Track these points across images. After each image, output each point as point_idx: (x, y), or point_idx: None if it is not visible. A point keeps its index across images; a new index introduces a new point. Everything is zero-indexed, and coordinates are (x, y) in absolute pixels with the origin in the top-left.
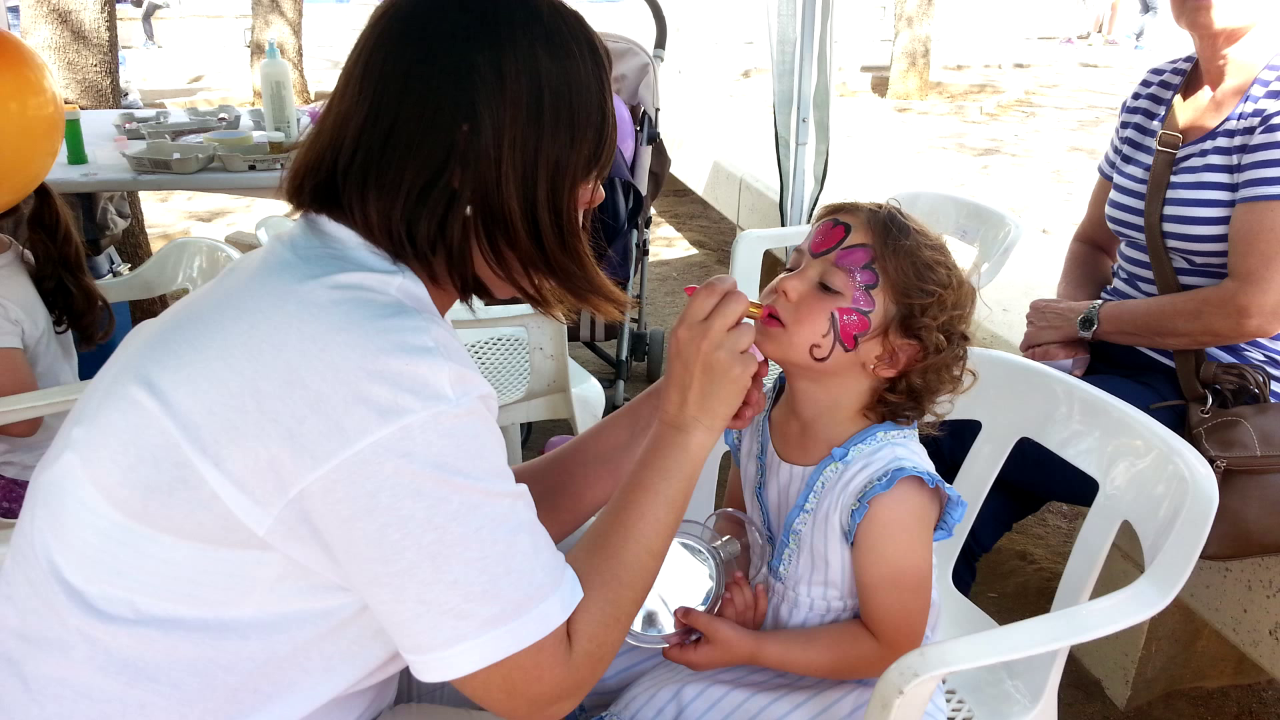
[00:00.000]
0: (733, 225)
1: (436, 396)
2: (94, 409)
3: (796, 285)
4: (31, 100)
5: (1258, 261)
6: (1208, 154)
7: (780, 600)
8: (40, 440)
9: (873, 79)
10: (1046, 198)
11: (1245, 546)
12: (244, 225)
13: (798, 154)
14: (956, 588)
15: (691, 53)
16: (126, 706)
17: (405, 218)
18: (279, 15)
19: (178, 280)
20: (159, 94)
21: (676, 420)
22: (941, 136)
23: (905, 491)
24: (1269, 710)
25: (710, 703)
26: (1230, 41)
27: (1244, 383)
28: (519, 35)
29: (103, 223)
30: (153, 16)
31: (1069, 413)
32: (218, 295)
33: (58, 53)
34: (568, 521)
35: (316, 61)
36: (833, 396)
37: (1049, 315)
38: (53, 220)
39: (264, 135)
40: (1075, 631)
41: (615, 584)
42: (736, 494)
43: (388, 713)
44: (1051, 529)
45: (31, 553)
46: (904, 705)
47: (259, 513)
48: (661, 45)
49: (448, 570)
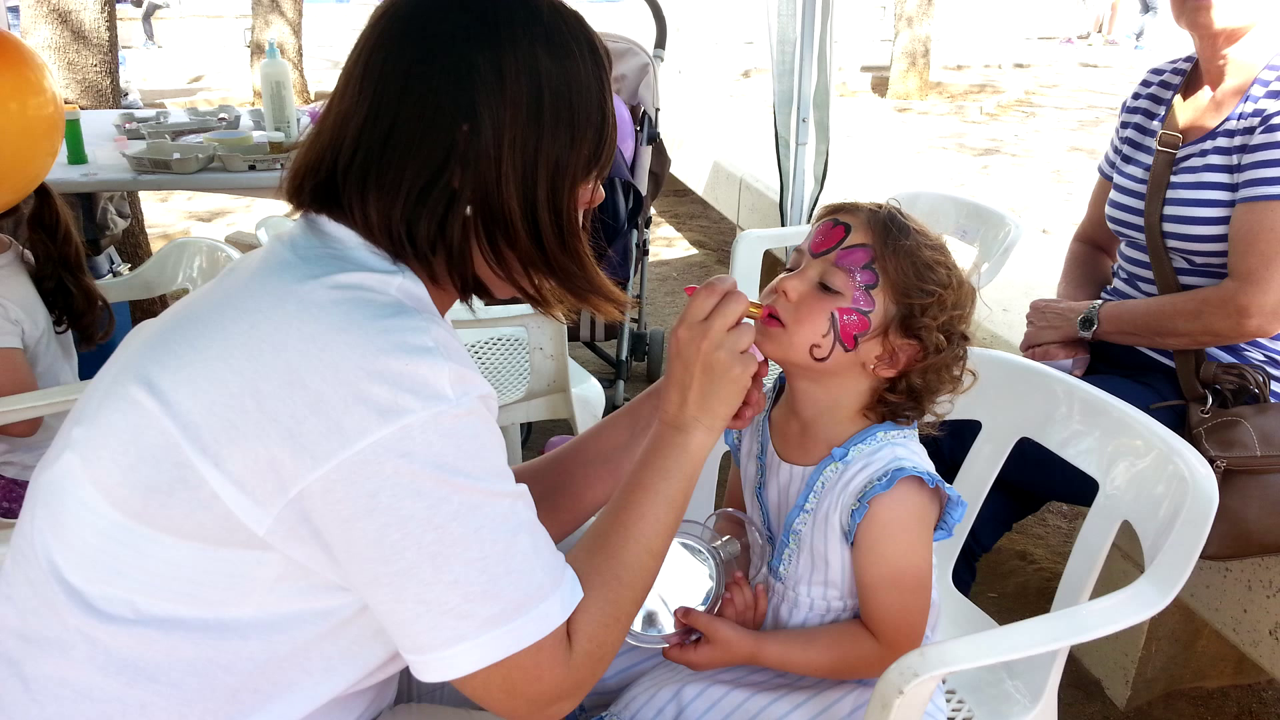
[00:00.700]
0: (733, 225)
1: (436, 396)
2: (94, 409)
3: (796, 285)
4: (31, 100)
5: (1258, 261)
6: (1208, 154)
7: (780, 600)
8: (40, 440)
9: (873, 79)
10: (1046, 198)
11: (1245, 546)
12: (244, 225)
13: (798, 154)
14: (956, 588)
15: (691, 53)
16: (126, 706)
17: (405, 218)
18: (279, 15)
19: (178, 280)
20: (159, 94)
21: (676, 420)
22: (941, 136)
23: (905, 491)
24: (1269, 710)
25: (710, 703)
26: (1230, 41)
27: (1244, 383)
28: (519, 35)
29: (103, 223)
30: (153, 16)
31: (1069, 413)
32: (218, 295)
33: (58, 53)
34: (568, 521)
35: (316, 61)
36: (833, 396)
37: (1049, 315)
38: (53, 220)
39: (264, 135)
40: (1075, 631)
41: (615, 584)
42: (736, 494)
43: (388, 713)
44: (1051, 529)
45: (31, 553)
46: (904, 705)
47: (259, 513)
48: (661, 45)
49: (448, 570)
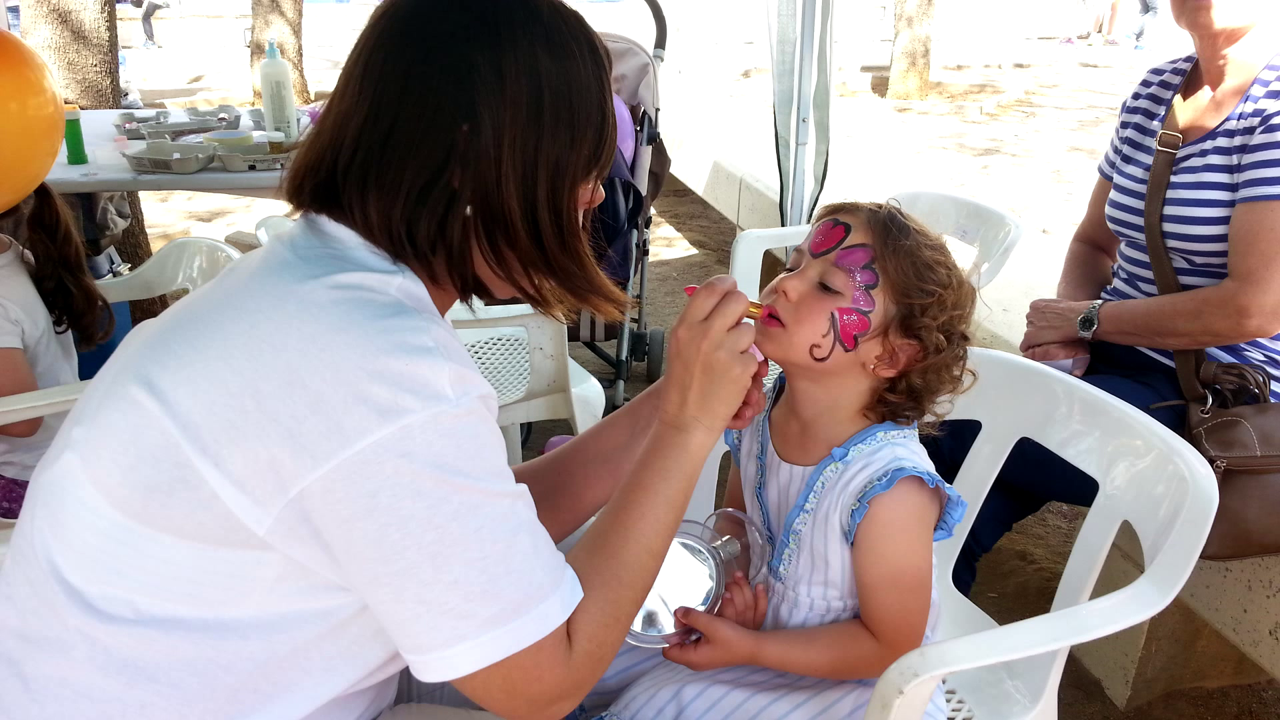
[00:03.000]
0: (733, 225)
1: (436, 396)
2: (94, 409)
3: (796, 285)
4: (31, 100)
5: (1258, 261)
6: (1208, 154)
7: (780, 600)
8: (40, 440)
9: (873, 79)
10: (1046, 198)
11: (1245, 546)
12: (244, 225)
13: (798, 154)
14: (956, 588)
15: (691, 53)
16: (126, 706)
17: (405, 218)
18: (279, 15)
19: (178, 280)
20: (159, 94)
21: (676, 420)
22: (941, 136)
23: (905, 491)
24: (1269, 710)
25: (710, 703)
26: (1230, 41)
27: (1244, 383)
28: (519, 35)
29: (103, 223)
30: (153, 16)
31: (1069, 413)
32: (218, 295)
33: (58, 53)
34: (568, 521)
35: (316, 61)
36: (833, 396)
37: (1049, 315)
38: (53, 220)
39: (264, 135)
40: (1075, 631)
41: (615, 584)
42: (736, 494)
43: (388, 713)
44: (1051, 529)
45: (31, 553)
46: (904, 705)
47: (259, 513)
48: (661, 45)
49: (447, 570)
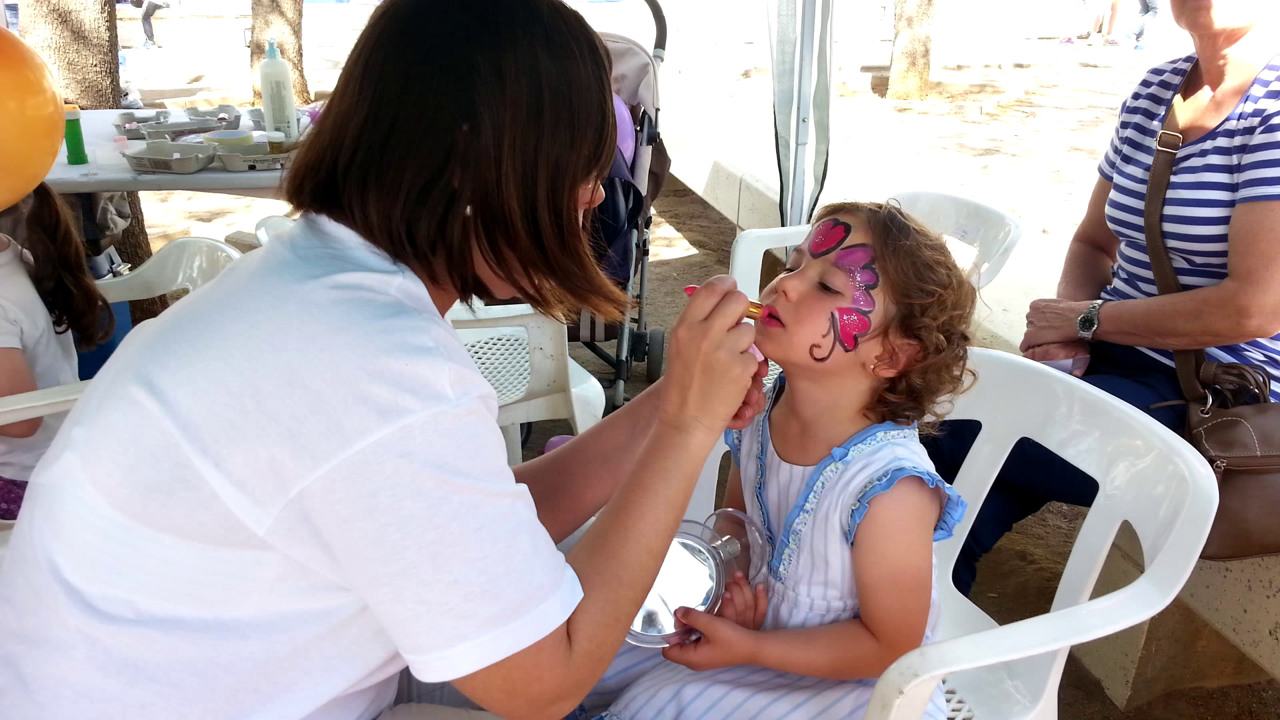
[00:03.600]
0: (733, 225)
1: (436, 396)
2: (94, 409)
3: (796, 285)
4: (31, 100)
5: (1258, 261)
6: (1208, 154)
7: (780, 600)
8: (40, 440)
9: (873, 79)
10: (1046, 198)
11: (1245, 546)
12: (244, 225)
13: (798, 154)
14: (956, 588)
15: (691, 53)
16: (126, 706)
17: (405, 218)
18: (279, 15)
19: (178, 280)
20: (159, 94)
21: (676, 420)
22: (941, 136)
23: (905, 491)
24: (1269, 710)
25: (710, 703)
26: (1230, 41)
27: (1244, 383)
28: (519, 35)
29: (103, 223)
30: (153, 16)
31: (1069, 413)
32: (217, 295)
33: (58, 53)
34: (568, 521)
35: (316, 61)
36: (833, 396)
37: (1049, 315)
38: (52, 220)
39: (264, 135)
40: (1075, 631)
41: (615, 584)
42: (736, 494)
43: (388, 713)
44: (1051, 529)
45: (31, 553)
46: (904, 705)
47: (259, 513)
48: (661, 45)
49: (447, 570)
